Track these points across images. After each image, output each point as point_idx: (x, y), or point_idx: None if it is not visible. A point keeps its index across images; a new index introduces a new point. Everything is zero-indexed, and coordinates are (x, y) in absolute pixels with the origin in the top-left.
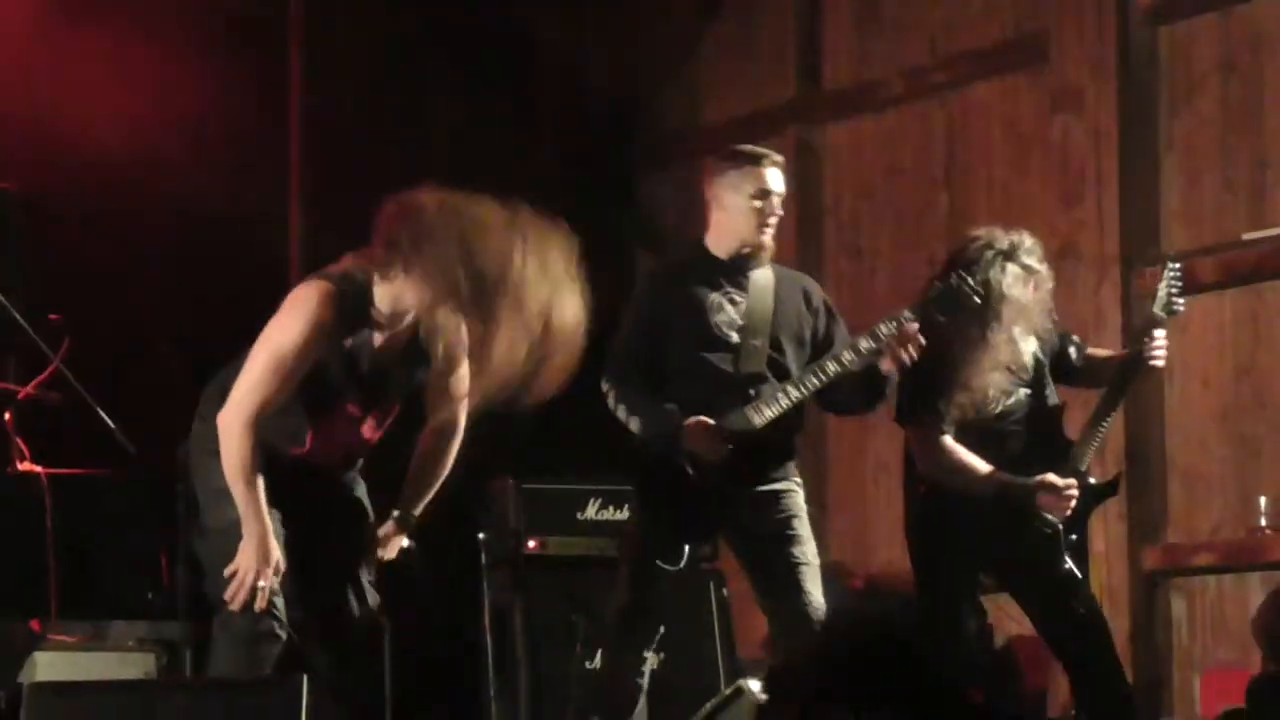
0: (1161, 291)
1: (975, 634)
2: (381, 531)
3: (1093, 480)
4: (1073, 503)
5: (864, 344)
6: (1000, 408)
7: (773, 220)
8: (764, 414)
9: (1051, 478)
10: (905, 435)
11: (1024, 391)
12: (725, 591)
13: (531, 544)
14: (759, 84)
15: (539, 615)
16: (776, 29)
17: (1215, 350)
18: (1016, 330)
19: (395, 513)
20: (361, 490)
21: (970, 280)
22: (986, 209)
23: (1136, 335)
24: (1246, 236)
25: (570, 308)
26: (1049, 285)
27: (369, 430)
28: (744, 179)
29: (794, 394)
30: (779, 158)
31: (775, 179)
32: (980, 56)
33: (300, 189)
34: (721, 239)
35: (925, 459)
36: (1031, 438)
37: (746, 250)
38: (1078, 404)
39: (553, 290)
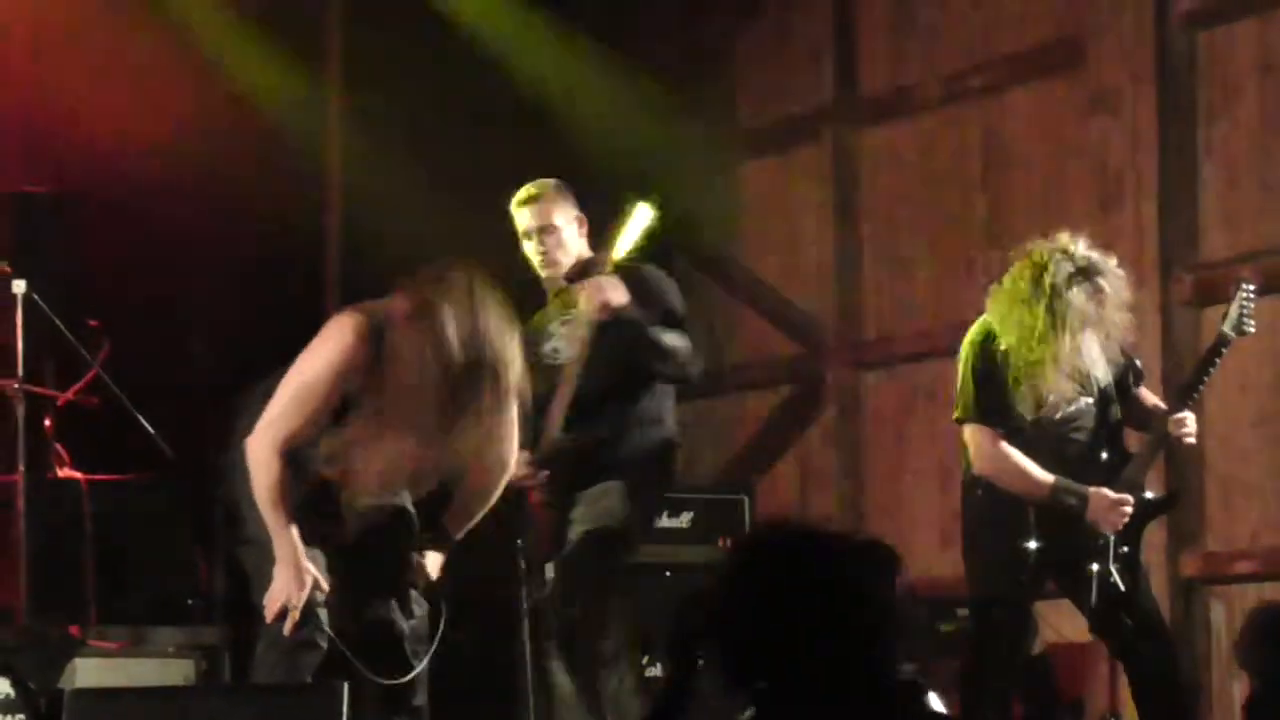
0: (1234, 311)
1: (1023, 635)
2: (423, 557)
3: (1149, 495)
4: (1126, 517)
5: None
6: (1061, 414)
7: (545, 254)
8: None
9: (1107, 492)
10: (963, 436)
11: (1086, 400)
12: None
13: None
14: (795, 88)
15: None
16: (813, 33)
17: (1254, 356)
18: (1083, 339)
19: (431, 536)
20: (406, 499)
21: None
22: (1024, 214)
23: (1203, 361)
24: None
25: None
26: (1123, 308)
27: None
28: (518, 221)
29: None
30: (524, 194)
31: (523, 218)
32: (1018, 61)
33: (340, 194)
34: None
35: (982, 460)
36: (1091, 448)
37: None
38: None
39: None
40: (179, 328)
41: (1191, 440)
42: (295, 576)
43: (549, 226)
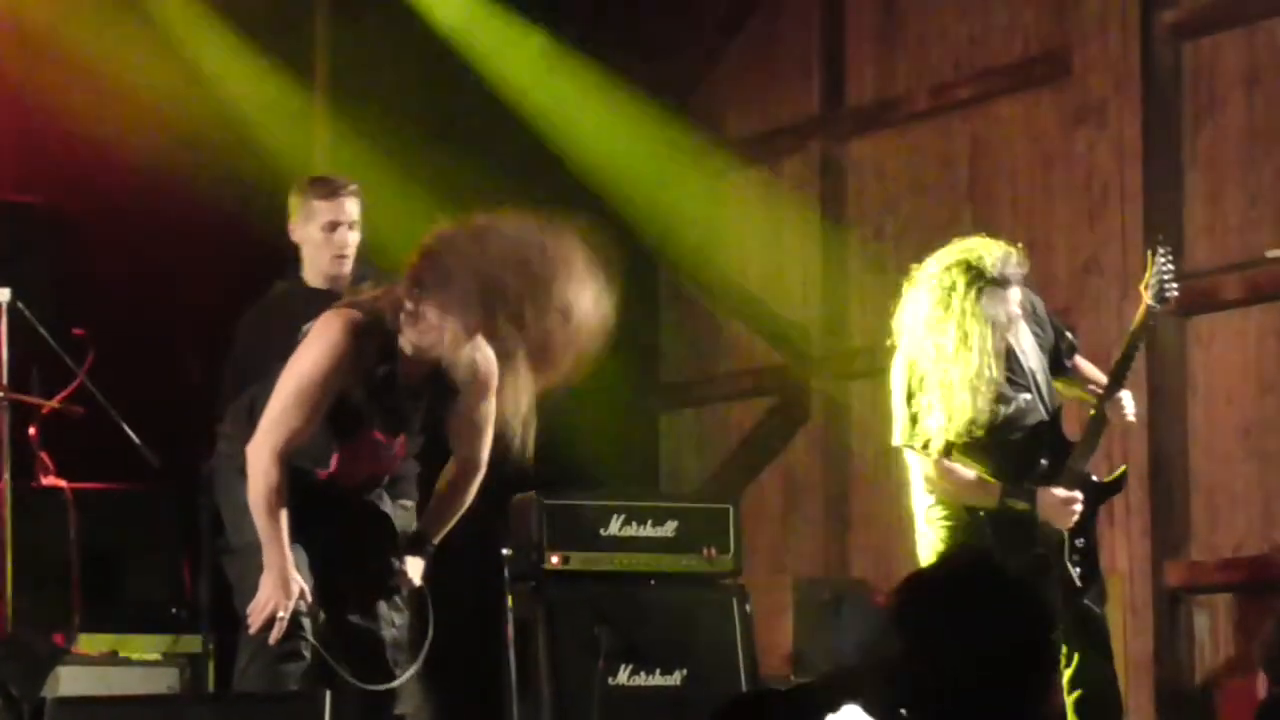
0: (1153, 279)
1: None
2: (402, 559)
3: (1095, 478)
4: (1078, 510)
5: None
6: (999, 418)
7: (347, 253)
8: None
9: (1056, 490)
10: (904, 455)
11: (1025, 396)
12: (748, 607)
13: (554, 560)
14: (782, 99)
15: (562, 630)
16: (800, 43)
17: (1239, 367)
18: (997, 348)
19: (410, 541)
20: (388, 506)
21: None
22: (1010, 224)
23: (1132, 336)
24: (1270, 253)
25: (588, 299)
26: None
27: (396, 454)
28: (318, 210)
29: None
30: (342, 182)
31: (341, 209)
32: (1004, 72)
33: None
34: (309, 270)
35: (926, 482)
36: (1034, 443)
37: (331, 282)
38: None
39: (573, 285)
40: (165, 337)
41: (1132, 419)
42: (282, 585)
43: (357, 224)
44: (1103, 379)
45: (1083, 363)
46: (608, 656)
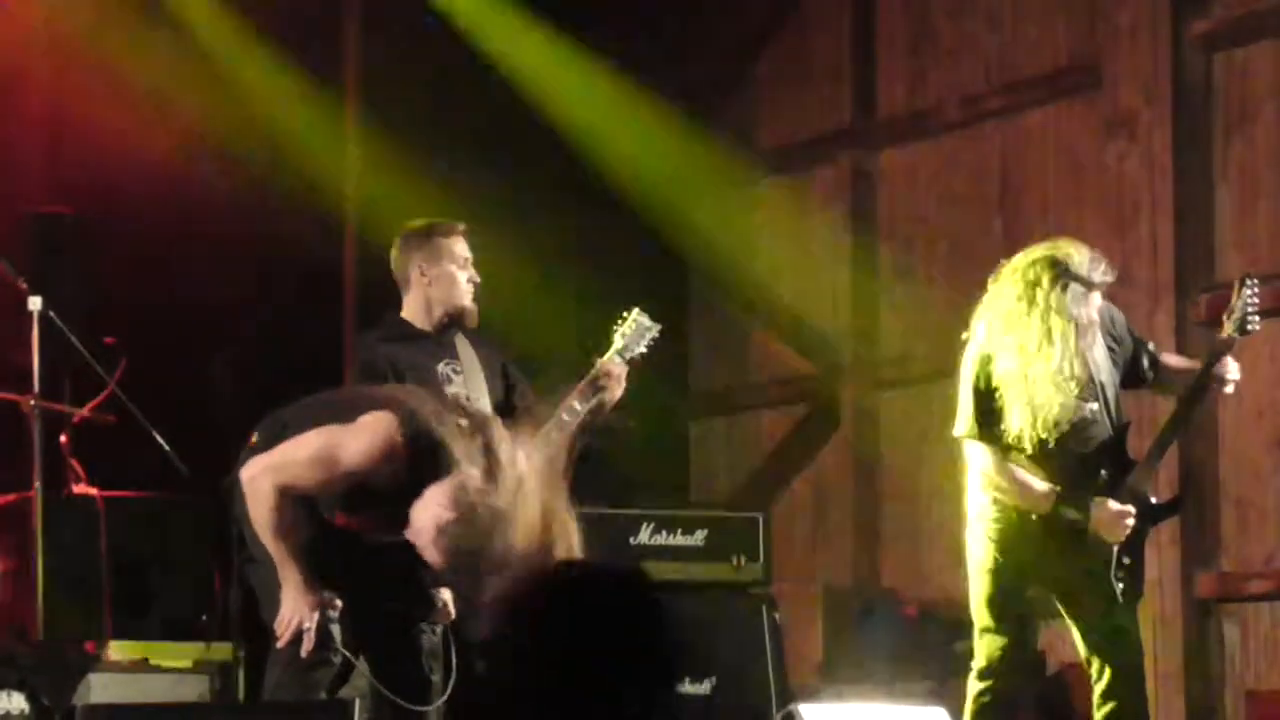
0: (1237, 309)
1: (1030, 655)
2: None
3: (1152, 499)
4: (1129, 526)
5: (577, 404)
6: (1065, 426)
7: (475, 288)
8: None
9: (1111, 504)
10: (964, 452)
11: (1091, 407)
12: (778, 616)
13: None
14: (814, 109)
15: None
16: (831, 55)
17: (1270, 378)
18: (1079, 346)
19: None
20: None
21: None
22: (1040, 234)
23: (1208, 358)
24: None
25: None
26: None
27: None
28: (448, 247)
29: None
30: (463, 226)
31: (464, 246)
32: (1035, 83)
33: (357, 213)
34: (427, 310)
35: (982, 476)
36: (1095, 455)
37: (450, 318)
38: (1143, 420)
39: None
40: (197, 346)
41: (1230, 388)
42: (303, 599)
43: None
44: (1194, 365)
45: (1169, 358)
46: None
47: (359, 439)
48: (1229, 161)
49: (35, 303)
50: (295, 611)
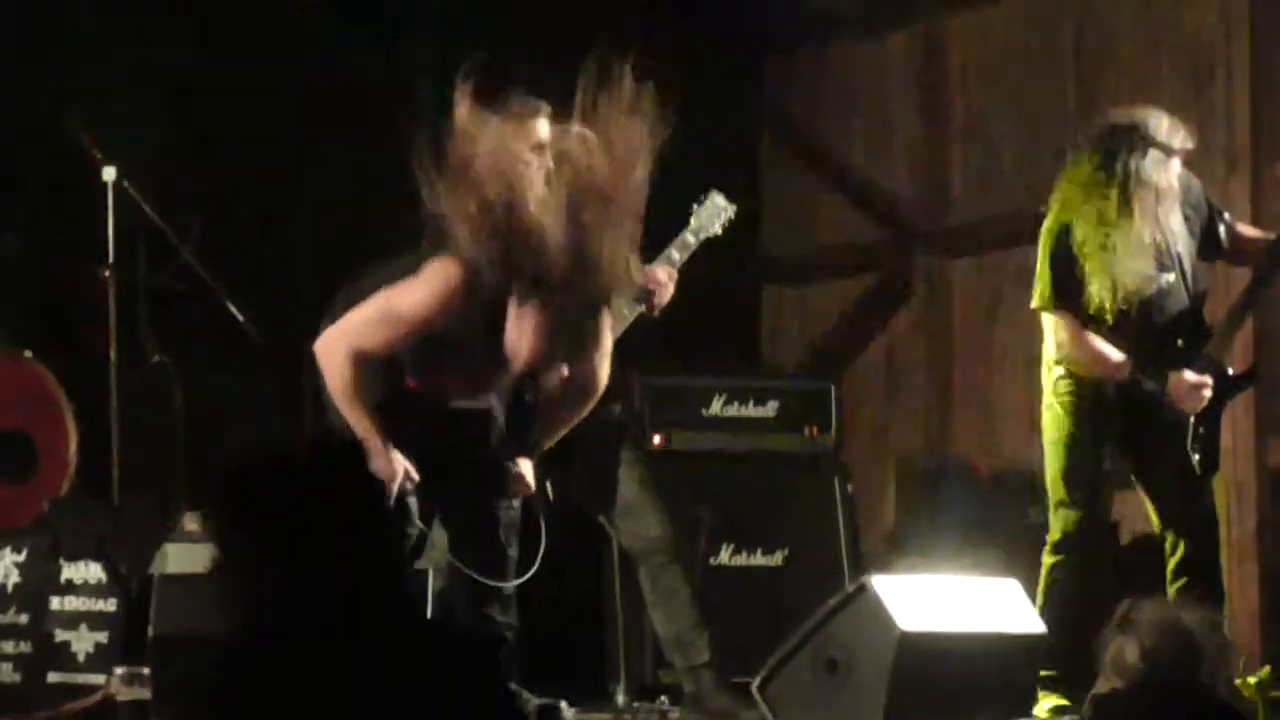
0: None
1: (1104, 527)
2: (516, 465)
3: (1230, 371)
4: (1206, 396)
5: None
6: (1143, 297)
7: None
8: None
9: (1188, 374)
10: (1041, 319)
11: (1168, 277)
12: (849, 487)
13: (656, 439)
14: None
15: (666, 509)
16: None
17: None
18: (1159, 213)
19: (519, 444)
20: (495, 404)
21: None
22: (1115, 98)
23: None
24: None
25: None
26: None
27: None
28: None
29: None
30: (548, 107)
31: (542, 129)
32: None
33: None
34: None
35: (1059, 346)
36: (1172, 325)
37: None
38: (1218, 291)
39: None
40: (276, 214)
41: None
42: (385, 465)
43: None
44: (1271, 236)
45: (1245, 229)
46: (709, 536)
47: (417, 289)
48: None
49: (110, 173)
50: (385, 475)
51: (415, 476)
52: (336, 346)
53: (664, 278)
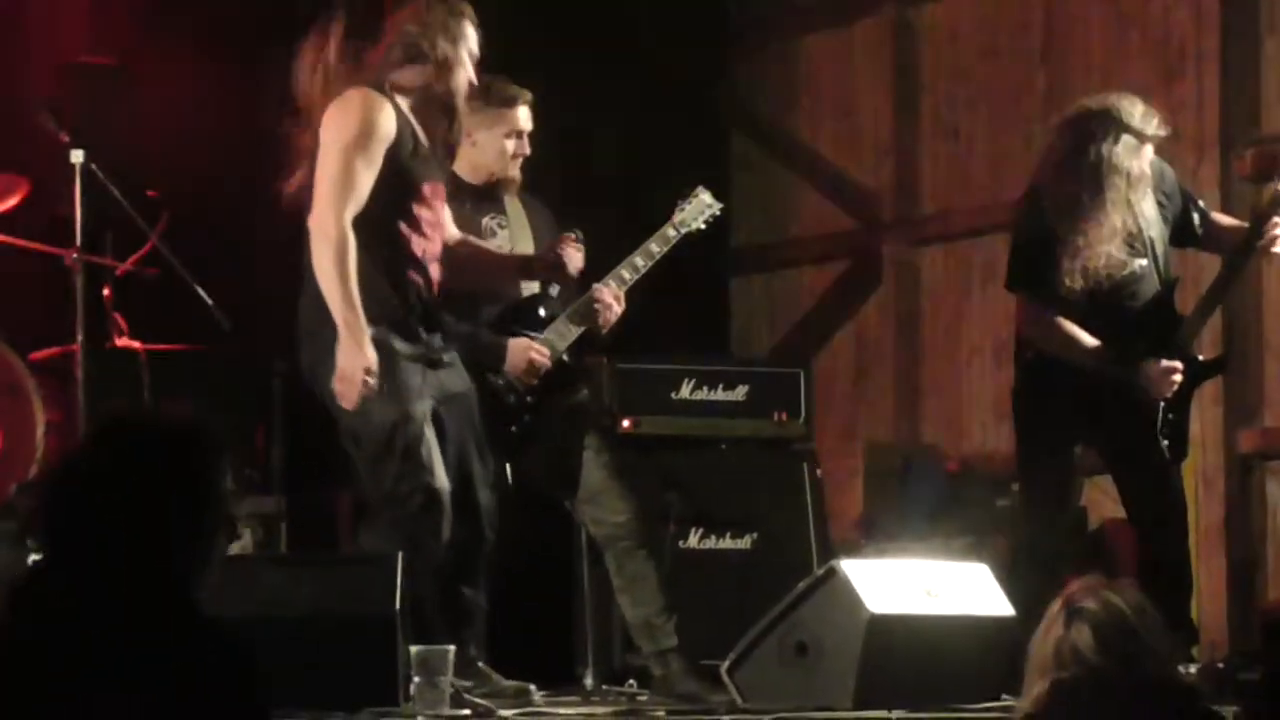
0: None
1: (1073, 511)
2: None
3: (1200, 356)
4: (1176, 383)
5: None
6: (1114, 281)
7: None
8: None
9: (1158, 361)
10: (1014, 302)
11: (1140, 263)
12: (819, 472)
13: (625, 423)
14: None
15: (633, 494)
16: None
17: None
18: (1131, 199)
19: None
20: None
21: None
22: (1084, 89)
23: (1255, 216)
24: None
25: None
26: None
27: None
28: (498, 119)
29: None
30: (530, 96)
31: (526, 118)
32: None
33: None
34: (472, 169)
35: (1031, 328)
36: (1144, 311)
37: (495, 180)
38: (1189, 279)
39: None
40: (241, 200)
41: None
42: (359, 351)
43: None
44: (1239, 224)
45: (1219, 217)
46: (678, 520)
47: (347, 119)
48: (1276, 14)
49: (77, 156)
50: (354, 364)
51: (373, 381)
52: (326, 217)
53: (609, 298)
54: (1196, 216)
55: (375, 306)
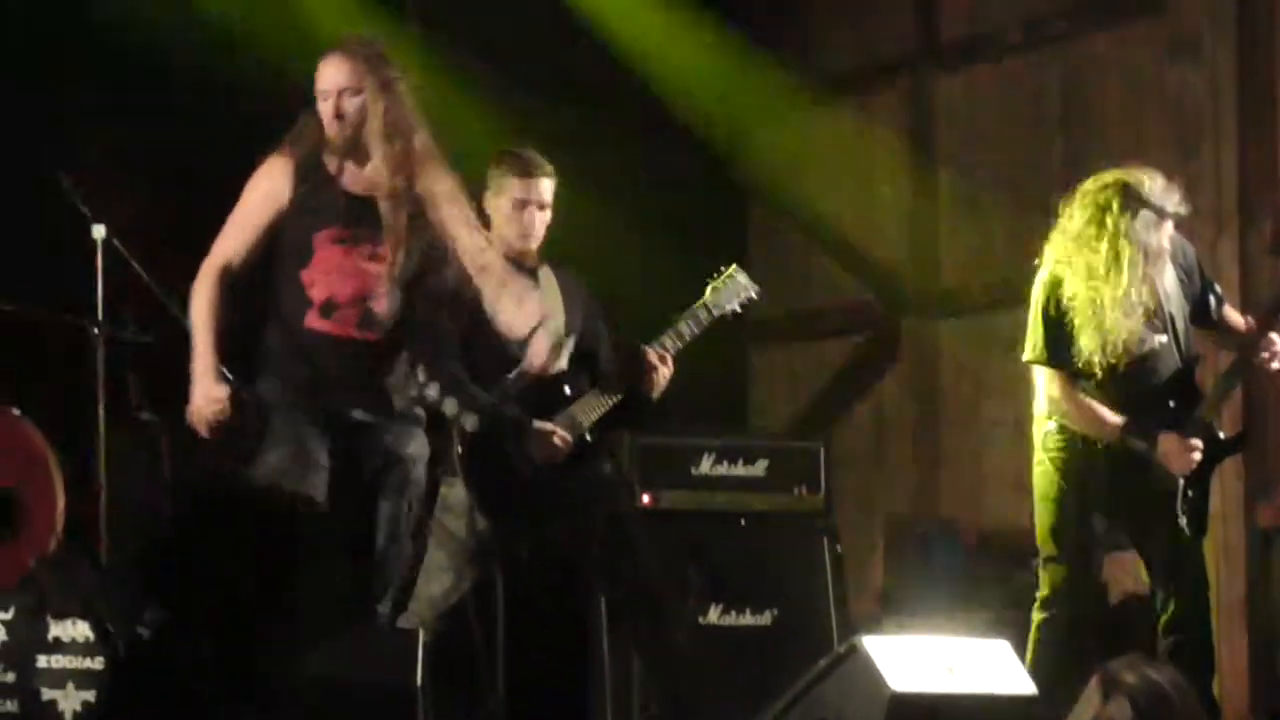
0: None
1: (1094, 586)
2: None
3: (1220, 434)
4: (1196, 460)
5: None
6: (1133, 355)
7: (534, 231)
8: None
9: (1178, 436)
10: (1033, 374)
11: (1160, 339)
12: (839, 547)
13: (646, 498)
14: (875, 32)
15: (653, 569)
16: None
17: None
18: (1149, 274)
19: None
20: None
21: None
22: (1102, 160)
23: (1274, 294)
24: None
25: None
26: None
27: (376, 269)
28: (510, 186)
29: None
30: (549, 168)
31: (537, 189)
32: (1098, 6)
33: None
34: (498, 240)
35: (1050, 402)
36: (1164, 388)
37: (516, 252)
38: (1213, 353)
39: None
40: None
41: (1277, 365)
42: (202, 392)
43: (548, 206)
44: (1250, 324)
45: (1231, 313)
46: (698, 595)
47: (247, 192)
48: None
49: (99, 231)
50: (205, 398)
51: (225, 415)
52: (203, 269)
53: (655, 360)
54: (1214, 300)
55: None
